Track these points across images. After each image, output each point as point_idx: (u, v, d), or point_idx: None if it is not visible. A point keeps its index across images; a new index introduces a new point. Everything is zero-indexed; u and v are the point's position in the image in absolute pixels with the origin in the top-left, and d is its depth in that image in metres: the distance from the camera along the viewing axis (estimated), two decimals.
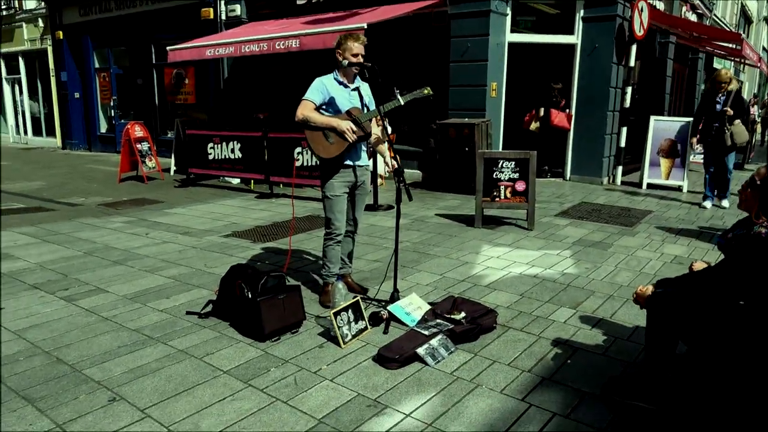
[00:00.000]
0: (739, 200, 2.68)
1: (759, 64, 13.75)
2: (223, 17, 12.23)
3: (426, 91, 3.79)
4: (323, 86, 3.77)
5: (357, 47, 3.72)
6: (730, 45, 12.75)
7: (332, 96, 3.77)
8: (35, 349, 3.30)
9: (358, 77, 3.90)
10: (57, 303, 4.06)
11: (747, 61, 13.51)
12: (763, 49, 27.67)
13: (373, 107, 3.90)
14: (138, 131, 10.70)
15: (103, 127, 16.77)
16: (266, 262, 5.07)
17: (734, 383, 2.46)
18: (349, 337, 3.34)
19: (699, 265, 3.03)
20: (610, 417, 2.59)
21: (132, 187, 10.02)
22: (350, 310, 3.40)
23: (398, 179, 3.65)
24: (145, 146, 10.76)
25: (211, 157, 9.68)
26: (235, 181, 10.00)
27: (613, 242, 5.78)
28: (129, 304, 4.04)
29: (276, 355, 3.19)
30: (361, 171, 3.94)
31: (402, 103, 3.74)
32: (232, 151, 9.36)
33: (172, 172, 11.43)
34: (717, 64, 19.22)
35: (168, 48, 10.70)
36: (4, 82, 20.18)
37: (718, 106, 7.44)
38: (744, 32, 23.00)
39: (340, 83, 3.83)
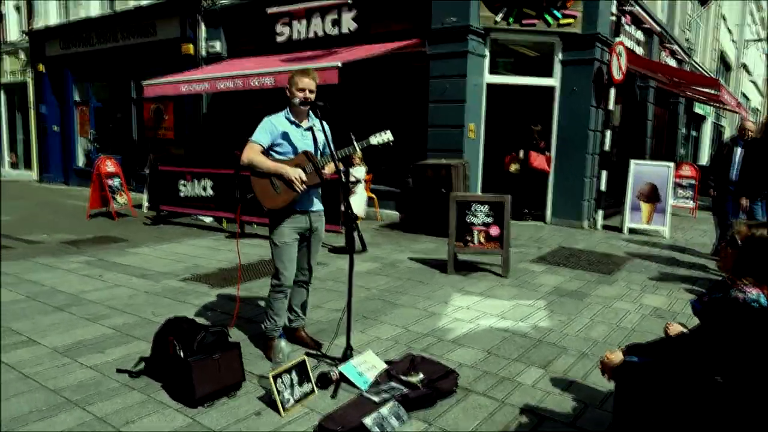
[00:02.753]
0: (720, 259, 2.44)
1: (738, 110, 13.84)
2: (203, 53, 12.14)
3: (386, 137, 3.55)
4: (272, 126, 3.51)
5: (305, 82, 3.47)
6: (709, 90, 12.83)
7: (284, 132, 3.50)
8: None
9: (311, 116, 3.65)
10: None
11: (726, 107, 13.60)
12: (743, 95, 28.20)
13: (326, 147, 3.63)
14: (109, 166, 10.41)
15: (81, 161, 16.48)
16: (218, 311, 4.72)
17: None
18: (291, 402, 3.00)
19: (675, 328, 2.76)
20: None
21: (100, 223, 9.67)
22: (294, 372, 3.07)
23: (351, 226, 3.38)
24: (116, 182, 10.45)
25: (182, 194, 9.39)
26: (208, 219, 9.69)
27: (590, 291, 5.51)
28: (58, 358, 3.68)
29: (205, 424, 2.84)
30: (314, 217, 3.66)
31: (358, 150, 3.49)
32: (204, 188, 9.09)
33: (144, 209, 11.09)
34: (698, 108, 19.50)
35: (143, 83, 10.53)
36: None
37: None
38: (723, 78, 23.44)
39: (292, 123, 3.58)
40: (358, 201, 8.42)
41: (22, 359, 3.66)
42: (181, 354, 3.06)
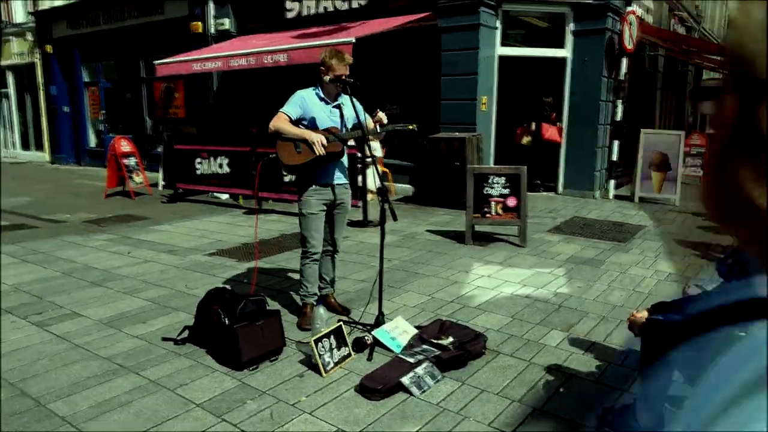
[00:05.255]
0: None
1: None
2: (212, 31, 12.14)
3: (411, 127, 3.77)
4: (303, 100, 3.67)
5: (342, 68, 3.62)
6: (720, 58, 12.74)
7: (311, 111, 3.67)
8: None
9: (342, 95, 3.79)
10: (28, 329, 3.89)
11: None
12: None
13: (353, 123, 3.79)
14: (124, 146, 10.53)
15: (93, 142, 16.60)
16: (247, 283, 4.90)
17: None
18: (331, 365, 3.19)
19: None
20: None
21: (118, 203, 9.84)
22: (332, 336, 3.25)
23: (382, 199, 3.52)
24: (132, 161, 10.57)
25: (199, 172, 9.53)
26: (224, 196, 9.84)
27: (606, 259, 5.66)
28: (103, 329, 3.87)
29: (253, 385, 3.03)
30: (339, 189, 3.82)
31: (379, 131, 3.69)
32: (220, 166, 9.22)
33: (160, 187, 11.24)
34: (707, 76, 19.34)
35: (155, 62, 10.58)
36: None
37: None
38: None
39: (322, 99, 3.73)
40: (373, 175, 8.55)
41: (69, 330, 3.86)
42: (226, 321, 3.24)
